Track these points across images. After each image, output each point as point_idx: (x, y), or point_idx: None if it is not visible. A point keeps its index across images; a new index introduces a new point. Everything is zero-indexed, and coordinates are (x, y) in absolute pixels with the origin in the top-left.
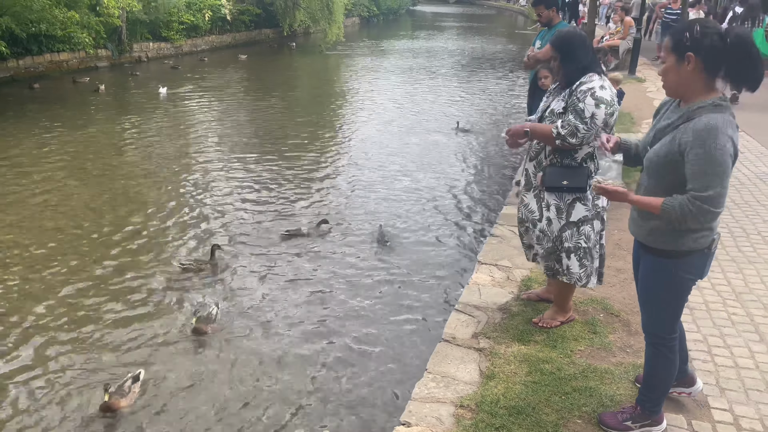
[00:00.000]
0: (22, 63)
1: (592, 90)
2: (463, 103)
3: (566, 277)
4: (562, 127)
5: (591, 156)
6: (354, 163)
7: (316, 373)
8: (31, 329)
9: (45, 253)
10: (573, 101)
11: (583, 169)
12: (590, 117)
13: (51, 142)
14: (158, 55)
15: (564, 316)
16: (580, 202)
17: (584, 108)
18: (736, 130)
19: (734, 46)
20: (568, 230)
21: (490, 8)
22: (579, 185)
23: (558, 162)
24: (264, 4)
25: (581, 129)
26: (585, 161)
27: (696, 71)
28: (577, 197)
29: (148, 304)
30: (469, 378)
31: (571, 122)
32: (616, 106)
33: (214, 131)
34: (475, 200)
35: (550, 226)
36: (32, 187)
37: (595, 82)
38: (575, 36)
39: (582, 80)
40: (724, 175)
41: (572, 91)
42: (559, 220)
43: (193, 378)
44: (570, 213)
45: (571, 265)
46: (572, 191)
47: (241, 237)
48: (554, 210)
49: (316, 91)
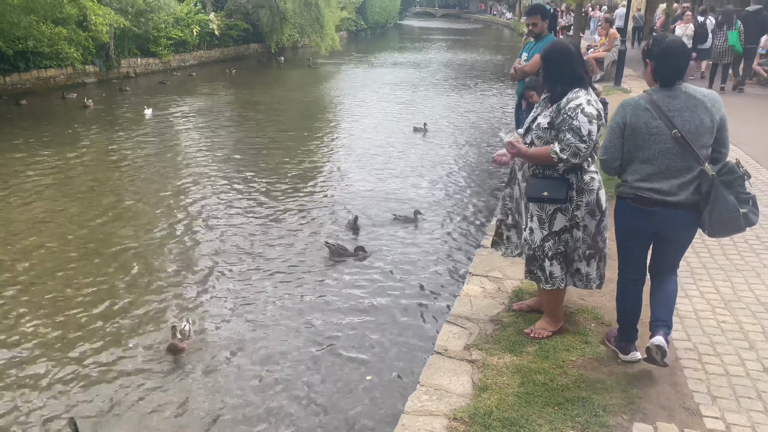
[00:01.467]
0: (9, 80)
1: (581, 106)
2: (452, 114)
3: (549, 284)
4: (561, 150)
5: (572, 169)
6: (343, 174)
7: (306, 386)
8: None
9: (29, 269)
10: (565, 119)
11: (564, 181)
12: (588, 134)
13: (38, 159)
14: (146, 71)
15: (555, 326)
16: (561, 213)
17: (580, 126)
18: (644, 110)
19: (661, 53)
20: (551, 240)
21: (477, 22)
22: (559, 197)
23: (540, 173)
24: (252, 19)
25: (583, 149)
26: (567, 173)
27: (649, 71)
28: (558, 208)
29: (134, 319)
30: (462, 390)
31: (571, 143)
32: (603, 121)
33: (203, 145)
34: (465, 212)
35: (532, 235)
36: (18, 204)
37: (582, 97)
38: (565, 49)
39: (568, 96)
40: (607, 137)
41: (561, 109)
42: (541, 230)
43: (176, 395)
44: (552, 223)
45: (553, 270)
46: (552, 202)
47: (230, 250)
48: (537, 220)
49: (304, 105)
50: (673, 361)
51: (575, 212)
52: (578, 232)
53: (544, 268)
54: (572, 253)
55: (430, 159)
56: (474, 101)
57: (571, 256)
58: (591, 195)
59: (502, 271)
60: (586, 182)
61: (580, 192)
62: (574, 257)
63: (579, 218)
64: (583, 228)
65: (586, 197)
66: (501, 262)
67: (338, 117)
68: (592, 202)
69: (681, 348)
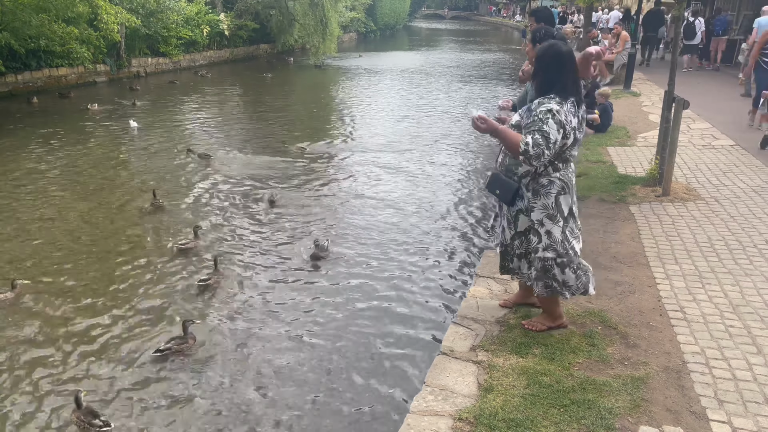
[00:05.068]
0: (20, 78)
1: (552, 111)
2: (455, 115)
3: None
4: (532, 146)
5: (528, 173)
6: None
7: (312, 387)
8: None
9: (39, 265)
10: (534, 121)
11: (514, 185)
12: (554, 142)
13: (48, 156)
14: (156, 70)
15: (553, 323)
16: (523, 214)
17: (549, 132)
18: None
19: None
20: (518, 239)
21: (486, 24)
22: (505, 198)
23: (503, 171)
24: (261, 19)
25: (546, 154)
26: (523, 178)
27: None
28: (519, 209)
29: (143, 316)
30: (468, 391)
31: (540, 145)
32: (570, 132)
33: (214, 142)
34: (473, 214)
35: (504, 233)
36: (29, 201)
37: (553, 104)
38: (556, 53)
39: (541, 99)
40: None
41: (531, 110)
42: (509, 230)
43: (178, 393)
44: (516, 224)
45: (522, 266)
46: (500, 200)
47: (236, 253)
48: (506, 220)
49: (313, 105)
50: (680, 365)
51: (531, 215)
52: (534, 237)
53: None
54: (531, 255)
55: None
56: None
57: (531, 259)
58: (548, 198)
59: None
60: (543, 185)
61: (535, 194)
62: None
63: (534, 221)
64: (547, 234)
65: (542, 200)
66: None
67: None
68: (549, 205)
69: (688, 352)
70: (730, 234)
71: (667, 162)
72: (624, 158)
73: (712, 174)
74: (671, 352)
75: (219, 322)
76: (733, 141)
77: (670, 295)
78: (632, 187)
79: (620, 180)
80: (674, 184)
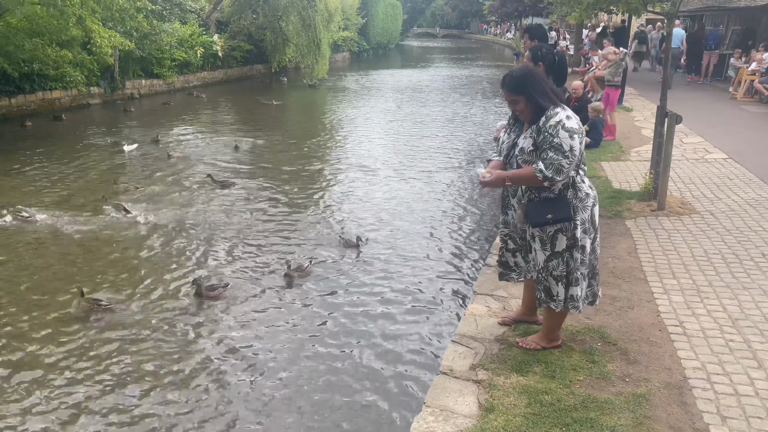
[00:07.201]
0: (14, 101)
1: (561, 122)
2: (450, 135)
3: (554, 304)
4: (546, 167)
5: (567, 185)
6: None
7: (311, 408)
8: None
9: (33, 289)
10: (546, 138)
11: (564, 199)
12: (570, 150)
13: (43, 179)
14: (150, 92)
15: (548, 343)
16: (562, 233)
17: (561, 142)
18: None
19: None
20: (554, 260)
21: (478, 42)
22: (563, 216)
23: (536, 197)
24: (255, 40)
25: (565, 164)
26: (563, 190)
27: None
28: (558, 229)
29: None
30: (468, 411)
31: (555, 159)
32: (583, 133)
33: (211, 161)
34: (469, 231)
35: (536, 257)
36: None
37: (560, 113)
38: (527, 75)
39: (547, 114)
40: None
41: (540, 128)
42: (543, 252)
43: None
44: (554, 244)
45: (559, 292)
46: (558, 222)
47: (238, 270)
48: (539, 242)
49: (306, 124)
50: (681, 380)
51: (573, 232)
52: (577, 254)
53: (549, 289)
54: (571, 274)
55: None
56: (470, 114)
57: (571, 278)
58: (585, 212)
59: (507, 290)
60: (581, 199)
61: (575, 210)
62: (572, 280)
63: (577, 238)
64: (581, 249)
65: (581, 215)
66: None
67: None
68: (586, 219)
69: (689, 367)
70: (726, 247)
71: (662, 176)
72: (618, 173)
73: (706, 187)
74: (672, 367)
75: (209, 351)
76: (726, 154)
77: (669, 310)
78: (627, 202)
79: (615, 195)
80: (669, 198)
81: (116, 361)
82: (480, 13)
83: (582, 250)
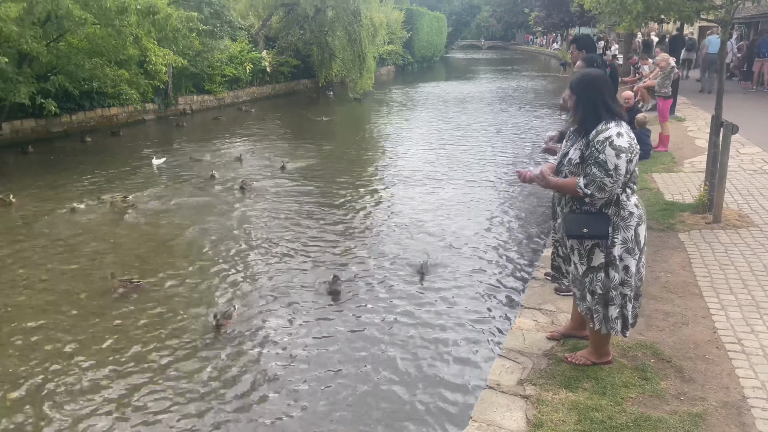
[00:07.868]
0: (75, 118)
1: (610, 139)
2: (496, 145)
3: (592, 322)
4: (586, 185)
5: (610, 202)
6: (394, 204)
7: (355, 422)
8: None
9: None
10: (592, 152)
11: (603, 215)
12: (614, 168)
13: (104, 191)
14: (202, 107)
15: (598, 358)
16: (599, 249)
17: (606, 159)
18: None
19: None
20: (590, 275)
21: (523, 53)
22: (600, 232)
23: (578, 209)
24: (302, 55)
25: (608, 183)
26: (604, 207)
27: None
28: (596, 243)
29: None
30: (516, 427)
31: (597, 176)
32: (635, 152)
33: (258, 176)
34: (516, 244)
35: (576, 270)
36: (85, 237)
37: (612, 129)
38: (593, 79)
39: (598, 128)
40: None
41: (590, 142)
42: (581, 265)
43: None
44: (591, 258)
45: (597, 309)
46: (593, 238)
47: (273, 290)
48: (577, 254)
49: (354, 137)
50: (740, 400)
51: (611, 249)
52: (614, 272)
53: (588, 306)
54: (608, 293)
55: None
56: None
57: (608, 297)
58: (628, 231)
59: (554, 303)
60: (624, 217)
61: (615, 228)
62: (609, 299)
63: (614, 257)
64: (624, 269)
65: (622, 234)
66: (553, 295)
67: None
68: (630, 239)
69: (748, 387)
70: None
71: (717, 188)
72: (671, 185)
73: (765, 200)
74: (730, 386)
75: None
76: None
77: (726, 326)
78: (680, 215)
79: (668, 207)
80: (725, 210)
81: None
82: (525, 24)
83: (626, 270)
